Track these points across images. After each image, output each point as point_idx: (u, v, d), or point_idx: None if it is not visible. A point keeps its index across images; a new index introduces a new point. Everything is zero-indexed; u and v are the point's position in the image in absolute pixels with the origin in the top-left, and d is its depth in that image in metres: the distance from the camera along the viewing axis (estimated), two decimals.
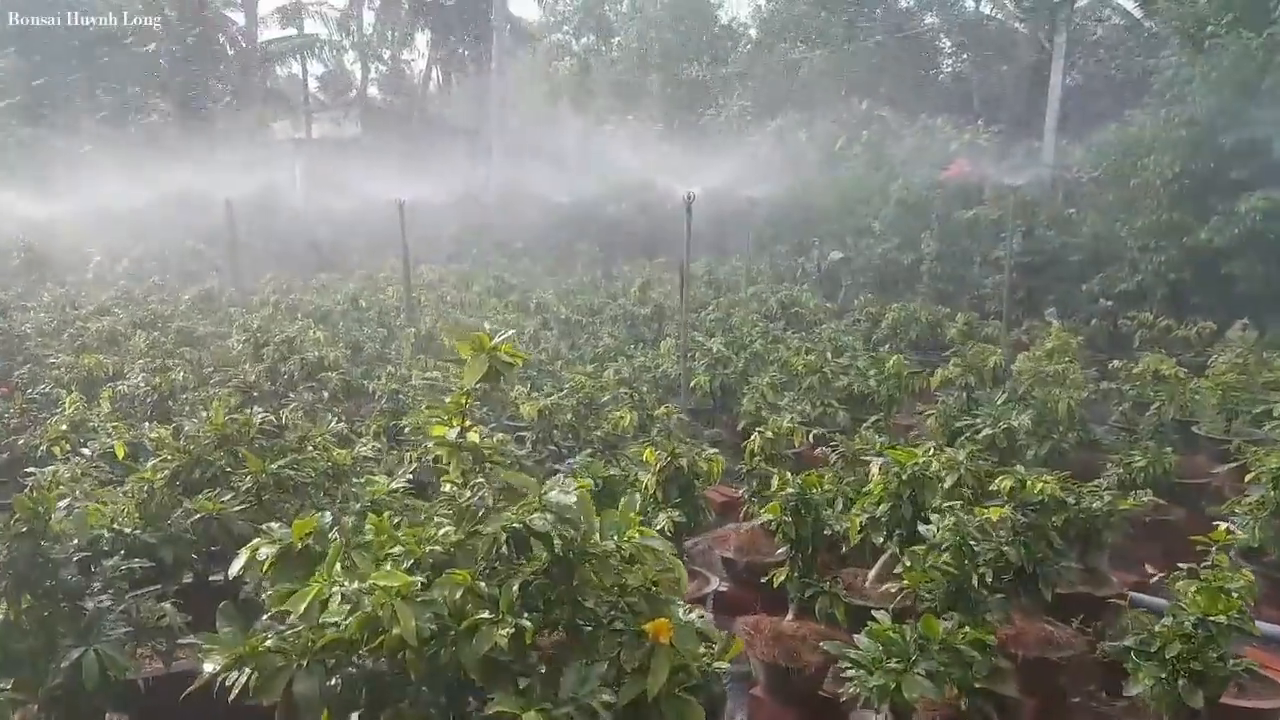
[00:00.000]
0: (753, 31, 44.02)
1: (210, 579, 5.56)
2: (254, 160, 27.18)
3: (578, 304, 15.82)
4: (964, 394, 8.95)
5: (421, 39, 47.06)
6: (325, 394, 9.85)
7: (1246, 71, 16.29)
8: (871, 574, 6.00)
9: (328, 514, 3.74)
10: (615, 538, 3.44)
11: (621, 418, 8.10)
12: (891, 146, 26.79)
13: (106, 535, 4.90)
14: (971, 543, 4.87)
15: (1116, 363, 11.50)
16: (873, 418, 8.67)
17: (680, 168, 30.21)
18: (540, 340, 13.55)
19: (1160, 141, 17.08)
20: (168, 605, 4.50)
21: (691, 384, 10.52)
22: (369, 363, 12.24)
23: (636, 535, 3.46)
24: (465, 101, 48.18)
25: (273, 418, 6.89)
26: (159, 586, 4.95)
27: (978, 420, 7.68)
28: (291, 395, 10.28)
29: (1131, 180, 18.07)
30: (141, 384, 9.89)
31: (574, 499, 3.44)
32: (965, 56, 37.25)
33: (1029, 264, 19.22)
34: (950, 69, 39.14)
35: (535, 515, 3.35)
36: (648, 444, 6.81)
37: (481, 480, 3.64)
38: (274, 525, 3.74)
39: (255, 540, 3.63)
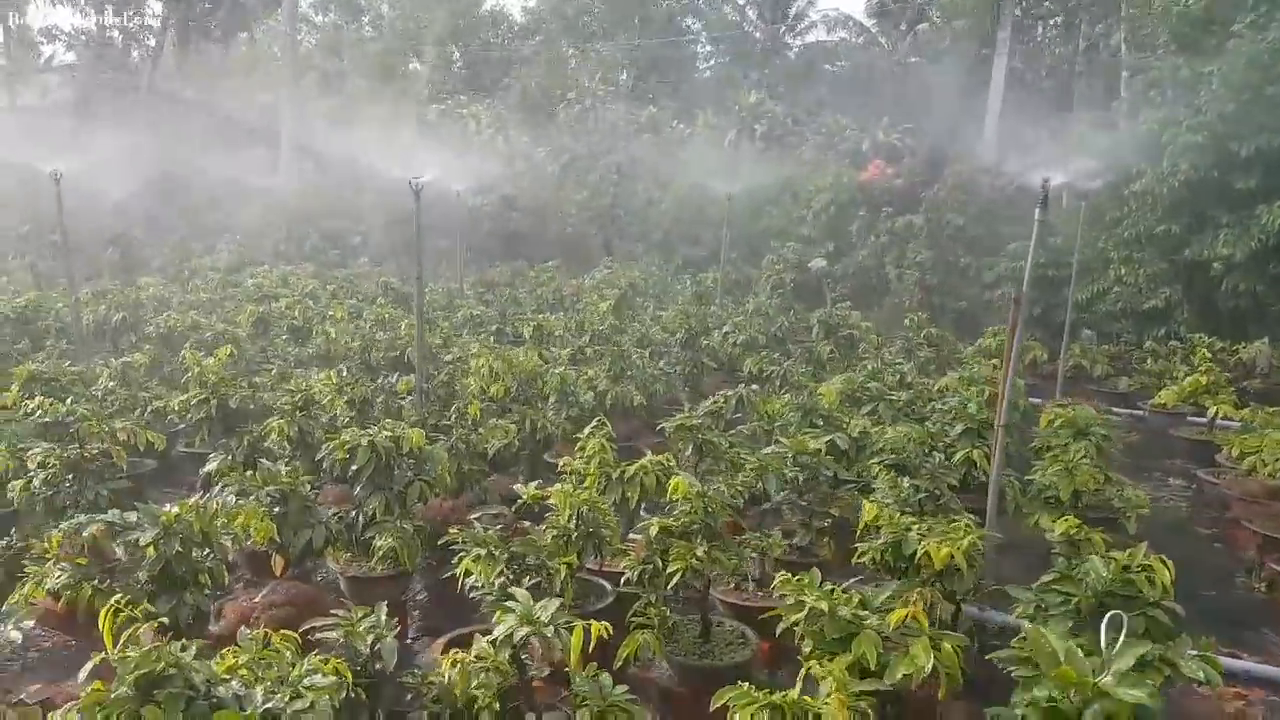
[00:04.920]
0: (518, 16, 42.16)
1: None
2: None
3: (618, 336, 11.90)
4: None
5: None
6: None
7: (1262, 75, 15.38)
8: None
9: None
10: None
11: None
12: (791, 144, 24.77)
13: None
14: None
15: None
16: None
17: (541, 158, 26.57)
18: (608, 395, 9.68)
19: (1173, 146, 15.85)
20: None
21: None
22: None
23: None
24: (207, 74, 40.90)
25: None
26: None
27: None
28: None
29: (1127, 188, 16.82)
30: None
31: None
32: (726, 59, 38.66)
33: (1008, 275, 17.60)
34: (708, 69, 40.31)
35: None
36: None
37: None
38: None
39: None
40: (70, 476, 6.56)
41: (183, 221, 23.10)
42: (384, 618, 4.32)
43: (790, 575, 4.64)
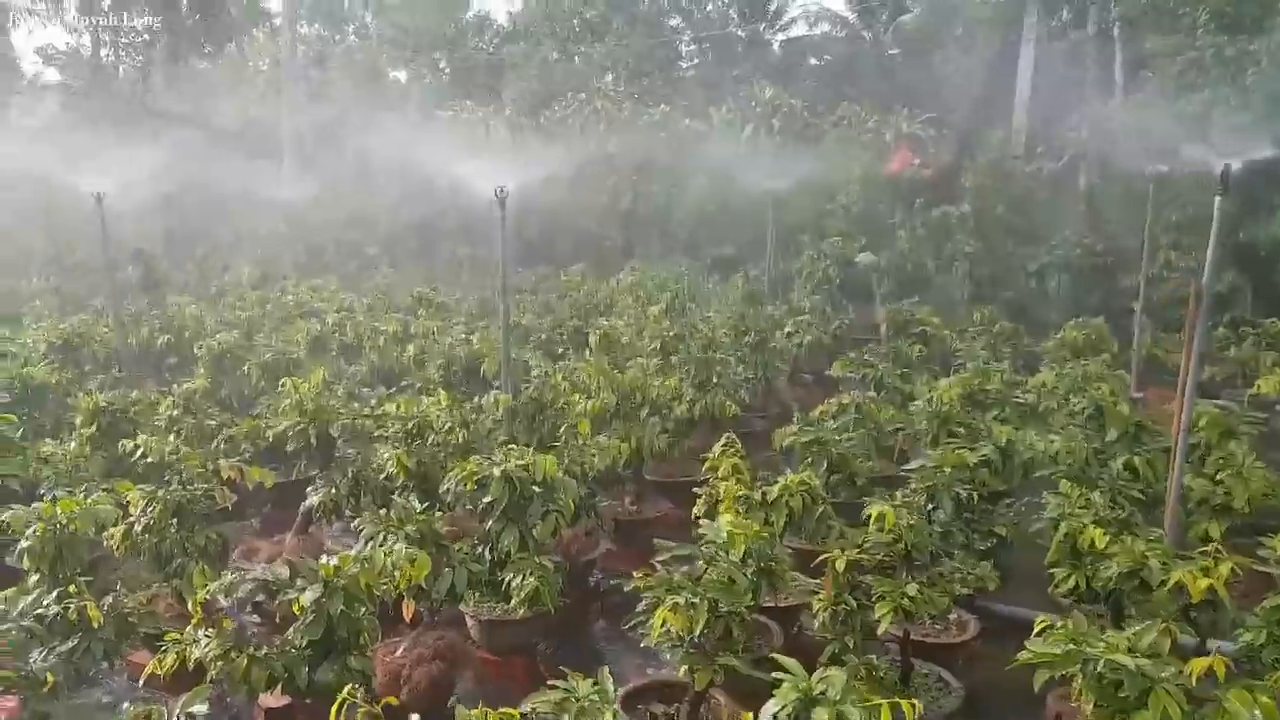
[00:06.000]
0: (502, 20, 41.66)
1: None
2: None
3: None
4: None
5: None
6: None
7: None
8: None
9: None
10: None
11: None
12: (810, 138, 24.30)
13: None
14: None
15: None
16: None
17: (554, 160, 25.99)
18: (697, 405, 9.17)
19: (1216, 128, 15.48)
20: None
21: None
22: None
23: None
24: (201, 87, 40.02)
25: None
26: None
27: None
28: None
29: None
30: None
31: None
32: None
33: (1057, 263, 17.17)
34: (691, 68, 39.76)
35: None
36: None
37: None
38: None
39: None
40: (174, 521, 5.98)
41: (199, 237, 22.48)
42: (610, 686, 3.78)
43: (1051, 619, 4.15)
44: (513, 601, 5.76)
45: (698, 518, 6.71)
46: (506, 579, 5.85)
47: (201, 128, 30.30)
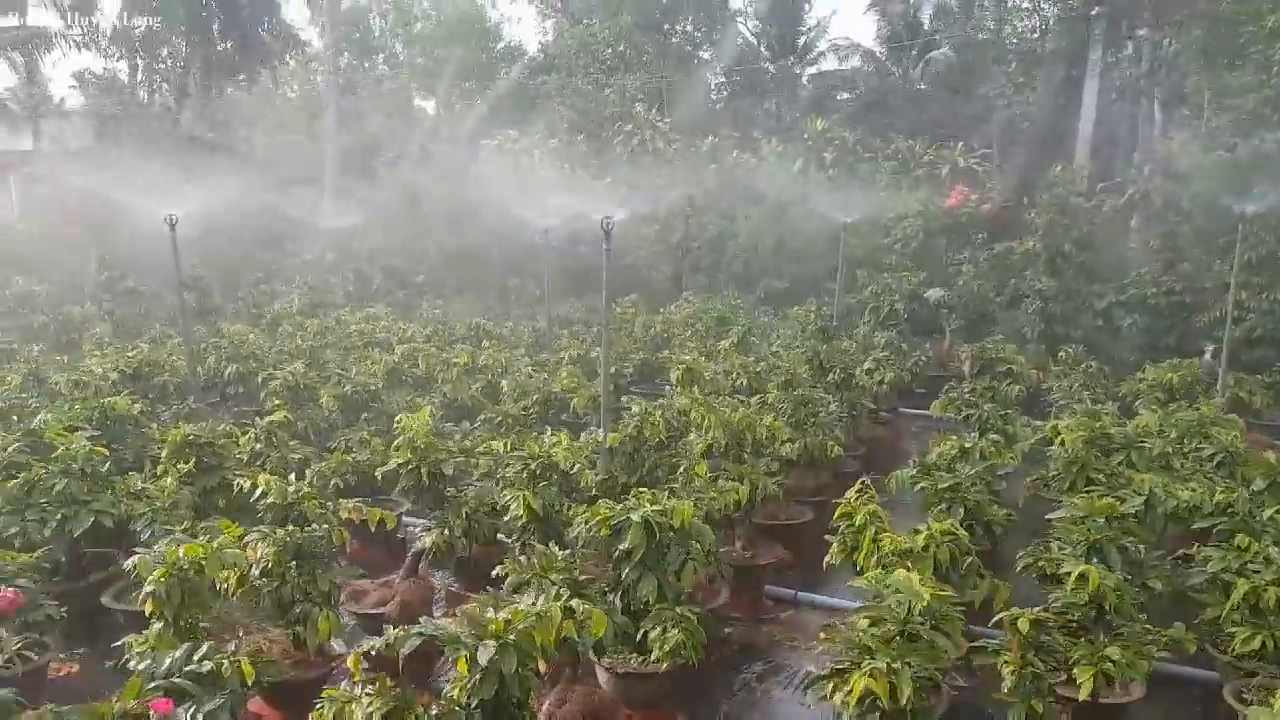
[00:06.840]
0: (533, 51, 41.77)
1: None
2: None
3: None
4: None
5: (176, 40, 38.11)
6: None
7: None
8: None
9: None
10: None
11: None
12: (863, 172, 24.10)
13: None
14: None
15: None
16: None
17: (602, 192, 25.88)
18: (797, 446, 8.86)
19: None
20: None
21: None
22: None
23: None
24: (239, 116, 40.17)
25: None
26: None
27: None
28: None
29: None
30: None
31: None
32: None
33: (1132, 301, 16.80)
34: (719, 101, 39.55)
35: None
36: None
37: None
38: None
39: None
40: (293, 564, 5.69)
41: (243, 265, 22.43)
42: None
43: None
44: (654, 654, 5.45)
45: (830, 566, 6.42)
46: (644, 630, 5.57)
47: (240, 155, 30.38)
